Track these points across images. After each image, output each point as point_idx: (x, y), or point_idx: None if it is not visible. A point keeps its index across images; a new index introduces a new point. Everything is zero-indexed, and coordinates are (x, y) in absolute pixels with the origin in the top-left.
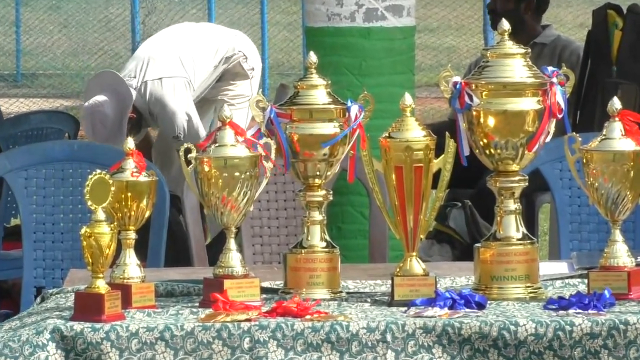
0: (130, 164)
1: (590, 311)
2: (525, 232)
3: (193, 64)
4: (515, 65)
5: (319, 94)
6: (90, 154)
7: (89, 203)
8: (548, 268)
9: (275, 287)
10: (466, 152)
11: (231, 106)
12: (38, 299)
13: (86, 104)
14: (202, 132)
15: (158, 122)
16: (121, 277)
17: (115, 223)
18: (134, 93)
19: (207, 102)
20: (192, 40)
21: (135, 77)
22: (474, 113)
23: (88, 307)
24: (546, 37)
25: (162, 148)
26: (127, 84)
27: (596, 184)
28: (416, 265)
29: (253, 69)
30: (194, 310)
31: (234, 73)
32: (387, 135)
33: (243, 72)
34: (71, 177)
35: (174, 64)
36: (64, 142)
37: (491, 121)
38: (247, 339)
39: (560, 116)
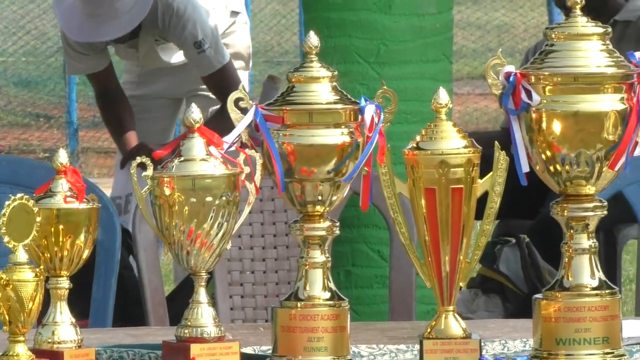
0: (62, 185)
1: None
2: (604, 278)
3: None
4: (591, 50)
5: (321, 89)
6: (7, 169)
7: (6, 239)
8: (635, 327)
9: (261, 353)
10: (524, 168)
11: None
12: None
13: None
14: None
15: (170, 29)
16: (50, 340)
17: (42, 267)
18: None
19: (177, 100)
20: None
21: None
22: (534, 116)
23: None
24: (631, 11)
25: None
26: None
27: None
28: (454, 324)
29: (249, 46)
30: None
31: (233, 53)
32: (414, 145)
33: (243, 53)
34: None
35: None
36: None
37: (557, 126)
38: None
39: None
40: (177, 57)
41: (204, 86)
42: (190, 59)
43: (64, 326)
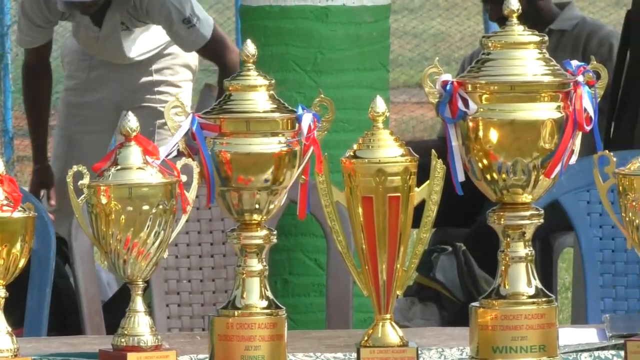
0: None
1: None
2: (540, 286)
3: None
4: (527, 59)
5: (258, 97)
6: None
7: None
8: (571, 335)
9: None
10: (460, 177)
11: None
12: None
13: None
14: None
15: (146, 9)
16: None
17: None
18: None
19: (119, 112)
20: None
21: None
22: (471, 124)
23: None
24: (566, 20)
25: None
26: None
27: (637, 221)
28: (391, 332)
29: (197, 57)
30: None
31: (182, 64)
32: (351, 154)
33: (191, 65)
34: None
35: None
36: None
37: (494, 135)
38: None
39: (588, 128)
40: (137, 50)
41: (150, 96)
42: (177, 37)
43: (0, 335)
